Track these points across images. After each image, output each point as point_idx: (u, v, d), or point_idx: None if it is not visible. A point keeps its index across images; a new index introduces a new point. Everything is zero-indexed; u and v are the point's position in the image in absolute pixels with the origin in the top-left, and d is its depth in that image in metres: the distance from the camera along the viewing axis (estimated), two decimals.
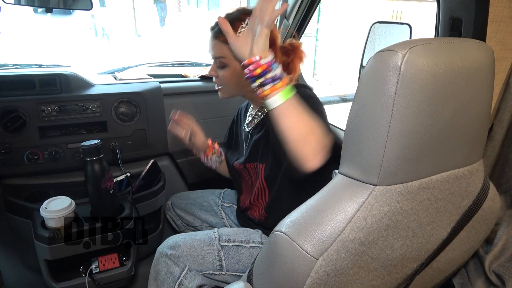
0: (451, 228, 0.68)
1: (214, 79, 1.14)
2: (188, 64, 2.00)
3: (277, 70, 0.78)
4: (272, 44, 1.01)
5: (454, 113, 0.57)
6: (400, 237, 0.61)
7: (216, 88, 1.15)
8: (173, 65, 1.96)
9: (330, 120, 1.09)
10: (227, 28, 0.84)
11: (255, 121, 1.19)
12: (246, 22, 1.01)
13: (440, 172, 0.61)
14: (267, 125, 1.12)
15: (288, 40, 1.14)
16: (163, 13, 14.28)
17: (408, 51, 0.51)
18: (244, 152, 1.25)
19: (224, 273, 1.14)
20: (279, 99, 0.76)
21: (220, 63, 1.08)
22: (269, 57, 0.78)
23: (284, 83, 0.77)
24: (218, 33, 1.06)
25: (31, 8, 14.59)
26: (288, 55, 1.11)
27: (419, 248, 0.65)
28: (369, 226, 0.56)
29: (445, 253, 0.71)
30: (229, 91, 1.14)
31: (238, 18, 1.04)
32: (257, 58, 0.77)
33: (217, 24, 1.05)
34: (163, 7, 14.40)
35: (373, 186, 0.56)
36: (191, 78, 1.74)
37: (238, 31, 1.02)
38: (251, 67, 0.77)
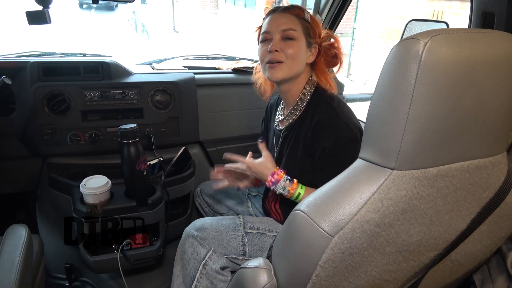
0: (470, 219, 0.68)
1: (273, 54, 1.08)
2: (222, 57, 2.05)
3: (280, 185, 1.07)
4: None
5: (476, 103, 0.57)
6: (416, 223, 0.62)
7: (272, 65, 1.08)
8: (207, 58, 2.02)
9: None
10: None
11: (287, 123, 1.19)
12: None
13: (459, 160, 0.61)
14: (300, 134, 1.12)
15: (324, 37, 1.17)
16: None
17: (430, 40, 0.53)
18: (275, 154, 1.26)
19: (247, 258, 1.18)
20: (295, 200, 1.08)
21: (289, 35, 1.08)
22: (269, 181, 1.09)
23: (291, 193, 1.07)
24: (288, 8, 1.11)
25: (77, 3, 15.40)
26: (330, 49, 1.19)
27: (437, 236, 0.66)
28: (385, 208, 0.58)
29: (464, 246, 0.71)
30: (289, 68, 1.08)
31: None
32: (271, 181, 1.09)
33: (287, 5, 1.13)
34: None
35: (390, 170, 0.58)
36: (224, 70, 1.79)
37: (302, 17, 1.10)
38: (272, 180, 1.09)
